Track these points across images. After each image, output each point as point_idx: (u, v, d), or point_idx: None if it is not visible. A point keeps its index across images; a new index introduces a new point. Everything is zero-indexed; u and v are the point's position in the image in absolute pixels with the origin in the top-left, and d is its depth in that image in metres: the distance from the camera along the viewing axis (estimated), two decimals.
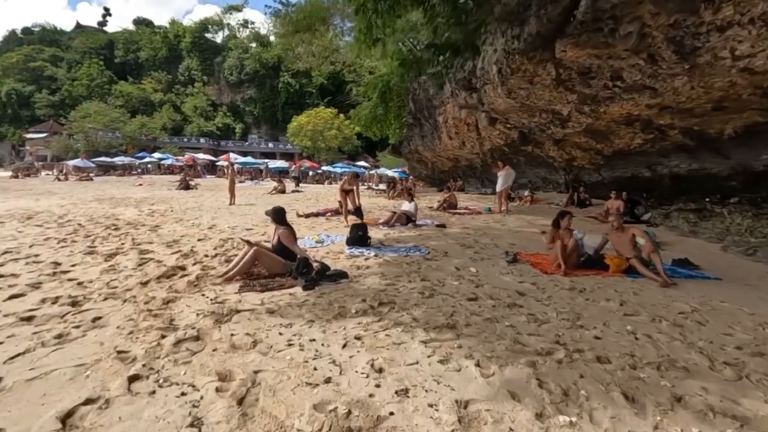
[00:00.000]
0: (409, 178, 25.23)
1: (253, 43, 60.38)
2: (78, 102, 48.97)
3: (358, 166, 37.30)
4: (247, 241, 4.57)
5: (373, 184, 29.96)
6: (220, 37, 65.71)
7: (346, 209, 9.07)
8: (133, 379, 2.24)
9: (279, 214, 4.61)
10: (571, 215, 5.24)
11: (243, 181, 26.24)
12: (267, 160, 40.37)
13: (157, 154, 41.45)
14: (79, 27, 73.67)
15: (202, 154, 43.46)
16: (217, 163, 40.09)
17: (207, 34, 64.04)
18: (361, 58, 22.56)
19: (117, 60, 62.69)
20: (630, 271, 4.73)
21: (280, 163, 38.99)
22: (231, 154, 40.30)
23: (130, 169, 36.51)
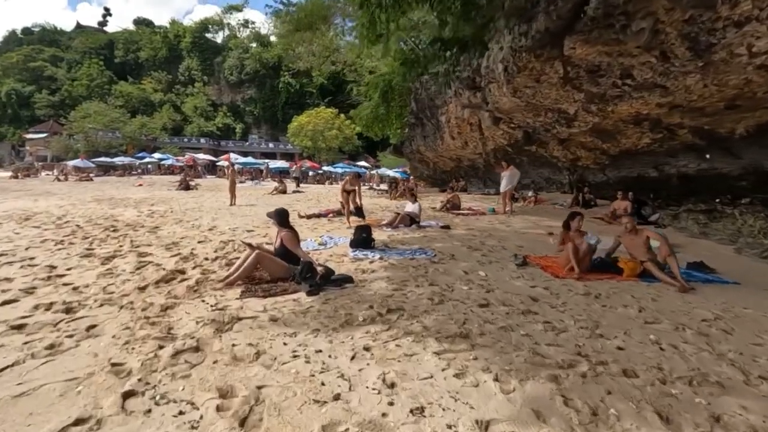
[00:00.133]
0: (410, 179, 25.05)
1: (254, 43, 60.22)
2: (78, 102, 48.82)
3: (358, 166, 37.14)
4: (249, 244, 4.41)
5: (374, 184, 29.74)
6: (220, 37, 65.57)
7: (348, 210, 8.92)
8: (128, 395, 2.09)
9: (282, 216, 4.44)
10: (582, 216, 5.08)
11: (243, 182, 26.08)
12: (267, 161, 40.22)
13: (157, 155, 41.33)
14: (79, 27, 73.56)
15: (202, 155, 43.37)
16: (218, 163, 39.95)
17: (207, 34, 63.89)
18: (361, 58, 22.36)
19: (117, 60, 62.55)
20: (645, 275, 4.57)
21: (280, 164, 38.84)
22: (231, 155, 40.18)
23: (130, 170, 36.37)
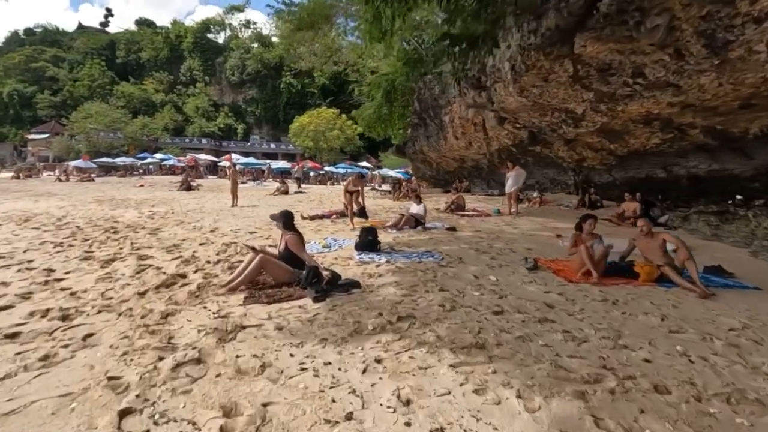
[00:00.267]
0: (412, 179, 24.90)
1: (255, 44, 60.17)
2: (80, 102, 48.81)
3: (360, 167, 36.98)
4: (252, 247, 4.26)
5: (376, 185, 29.55)
6: (221, 38, 65.55)
7: (351, 211, 8.78)
8: (125, 413, 1.95)
9: (287, 219, 4.29)
10: (595, 219, 4.93)
11: (245, 182, 25.95)
12: (269, 161, 40.11)
13: (158, 155, 41.26)
14: (81, 28, 73.62)
15: (203, 155, 43.32)
16: (219, 163, 39.85)
17: (209, 35, 63.85)
18: (363, 58, 22.15)
19: (119, 60, 62.56)
20: (662, 280, 4.41)
21: (282, 164, 38.72)
22: (233, 155, 40.08)
23: (131, 170, 36.27)
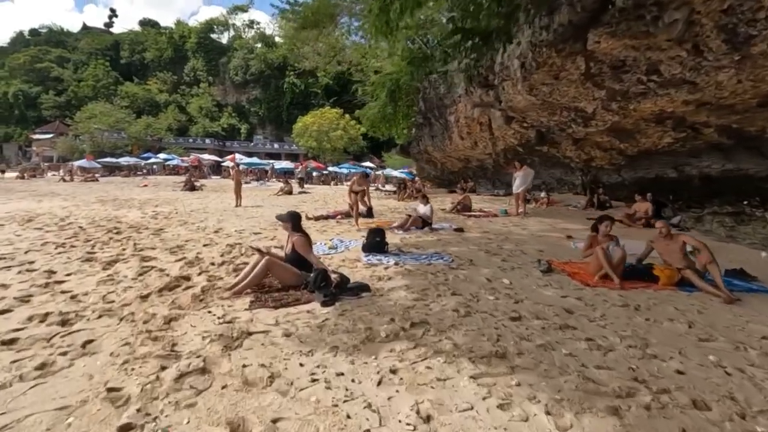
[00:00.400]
0: (416, 179, 24.71)
1: (259, 44, 60.27)
2: (84, 103, 49.01)
3: (363, 167, 36.81)
4: (258, 249, 4.12)
5: (380, 185, 29.36)
6: (225, 38, 65.76)
7: (357, 212, 8.64)
8: (125, 429, 1.81)
9: (295, 220, 4.15)
10: (612, 221, 4.77)
11: (248, 182, 25.86)
12: (272, 161, 40.05)
13: (162, 155, 41.26)
14: (85, 28, 74.05)
15: (207, 155, 43.29)
16: (223, 163, 39.83)
17: (212, 35, 64.05)
18: (366, 58, 22.01)
19: (123, 61, 62.82)
20: (683, 284, 4.24)
21: (285, 164, 38.64)
22: (236, 155, 40.03)
23: (135, 170, 36.32)
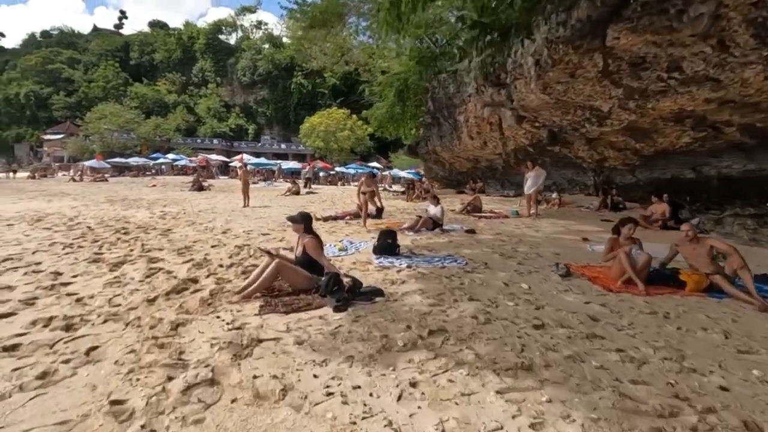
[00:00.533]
0: (423, 179, 24.51)
1: (266, 44, 60.50)
2: (94, 103, 49.59)
3: (370, 167, 36.68)
4: (268, 251, 4.00)
5: (387, 185, 29.17)
6: (233, 39, 66.12)
7: (365, 213, 8.50)
8: None
9: (307, 221, 4.02)
10: (635, 224, 4.57)
11: (256, 182, 25.86)
12: (279, 161, 40.11)
13: (170, 155, 41.58)
14: (95, 30, 74.97)
15: (215, 155, 43.52)
16: (231, 164, 40.00)
17: (220, 36, 64.44)
18: (374, 58, 21.85)
19: (132, 62, 63.44)
20: (712, 290, 4.04)
21: (292, 164, 38.67)
22: (244, 155, 40.16)
23: (144, 170, 36.58)
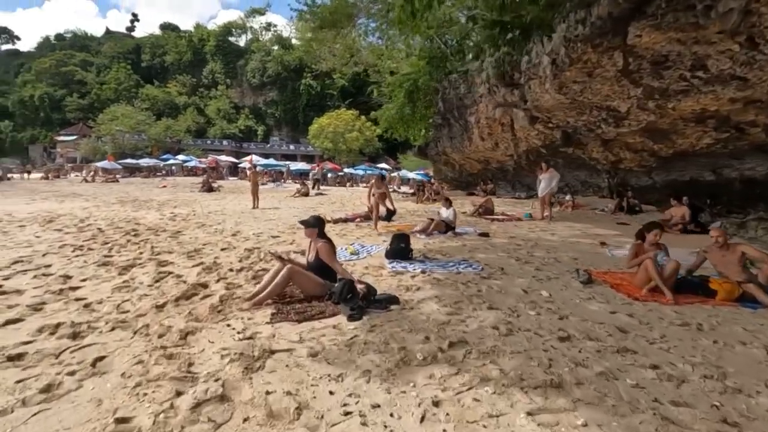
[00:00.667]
0: (432, 181, 24.30)
1: (276, 46, 60.83)
2: (106, 105, 50.27)
3: (379, 168, 36.55)
4: (279, 256, 3.87)
5: (395, 186, 28.92)
6: (243, 41, 66.67)
7: (376, 215, 8.37)
8: None
9: (321, 225, 3.89)
10: (662, 228, 4.37)
11: (265, 183, 25.89)
12: (288, 162, 40.22)
13: (181, 156, 42.02)
14: (108, 33, 76.09)
15: (224, 156, 43.82)
16: (240, 165, 40.21)
17: (230, 38, 65.01)
18: (382, 59, 21.73)
19: (144, 64, 64.25)
20: (744, 299, 3.82)
21: (301, 165, 38.74)
22: (253, 156, 40.34)
23: (154, 171, 36.95)
